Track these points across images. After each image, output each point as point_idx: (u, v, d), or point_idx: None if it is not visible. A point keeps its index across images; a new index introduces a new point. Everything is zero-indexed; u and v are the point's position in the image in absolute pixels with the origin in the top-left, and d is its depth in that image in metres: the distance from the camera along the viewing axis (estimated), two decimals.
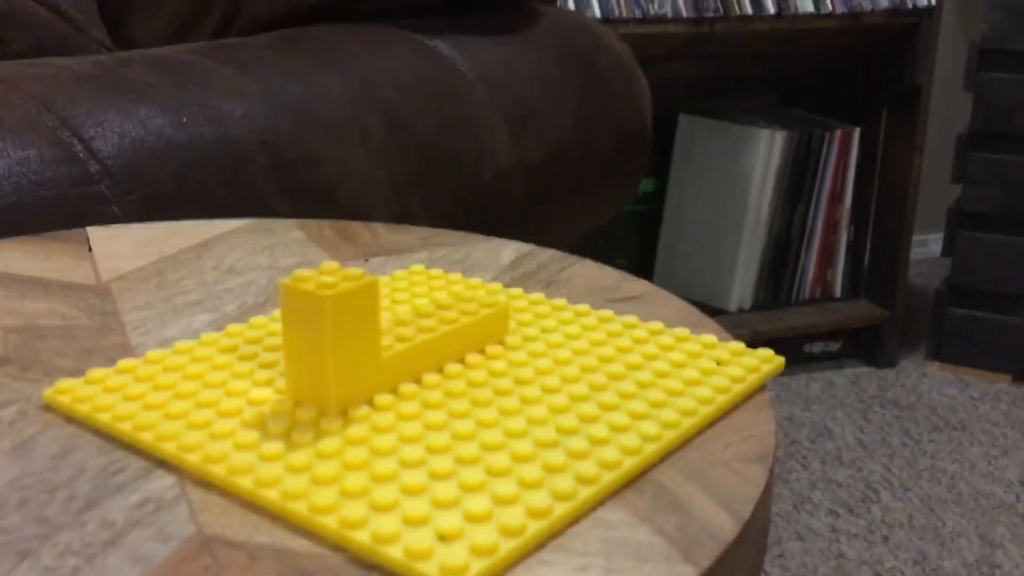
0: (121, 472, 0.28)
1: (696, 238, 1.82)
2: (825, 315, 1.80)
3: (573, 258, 0.47)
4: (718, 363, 0.34)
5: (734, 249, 1.78)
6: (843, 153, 1.78)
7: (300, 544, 0.25)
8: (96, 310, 0.41)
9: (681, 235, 1.84)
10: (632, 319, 0.38)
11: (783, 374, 1.77)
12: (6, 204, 0.54)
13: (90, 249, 0.48)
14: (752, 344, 1.79)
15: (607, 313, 0.39)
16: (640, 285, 0.44)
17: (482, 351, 0.35)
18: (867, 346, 1.82)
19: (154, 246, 0.49)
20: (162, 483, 0.27)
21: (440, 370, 0.33)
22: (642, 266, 1.87)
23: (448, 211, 0.80)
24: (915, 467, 1.47)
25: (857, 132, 1.78)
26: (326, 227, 0.52)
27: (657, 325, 0.38)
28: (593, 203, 1.02)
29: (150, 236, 0.50)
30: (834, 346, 1.84)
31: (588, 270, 0.46)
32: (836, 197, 1.81)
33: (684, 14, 1.52)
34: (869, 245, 1.84)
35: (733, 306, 1.79)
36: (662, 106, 1.80)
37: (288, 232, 0.52)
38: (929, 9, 1.64)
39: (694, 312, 0.41)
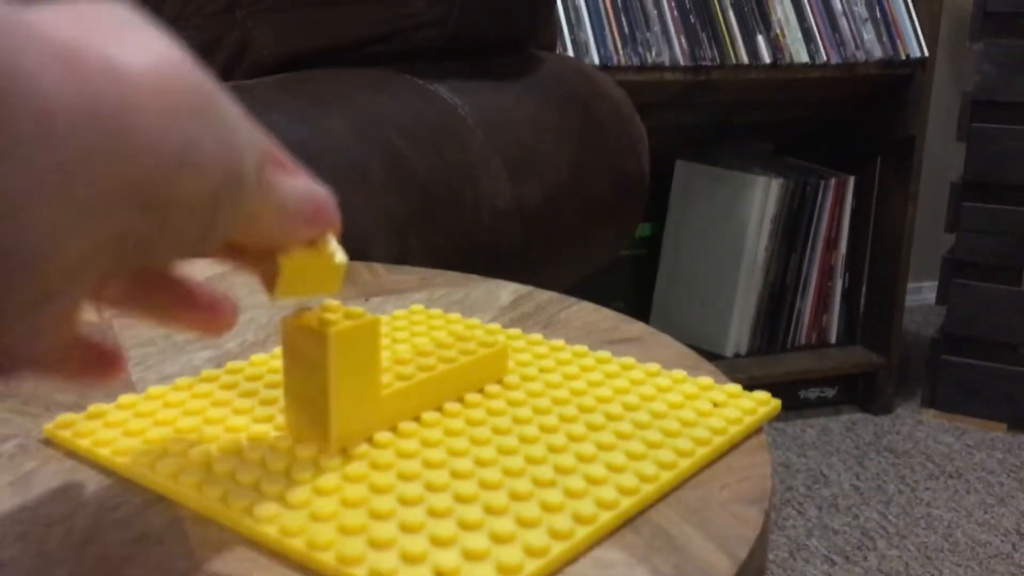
0: (120, 507, 0.28)
1: (692, 283, 1.82)
2: (820, 361, 1.80)
3: (571, 300, 0.48)
4: (715, 405, 0.35)
5: (730, 294, 1.78)
6: (838, 201, 1.80)
7: None
8: None
9: (677, 280, 1.85)
10: (629, 360, 0.39)
11: (778, 420, 1.77)
12: None
13: None
14: (748, 389, 1.79)
15: (604, 354, 0.39)
16: (638, 327, 0.44)
17: (481, 390, 0.35)
18: (863, 392, 1.82)
19: None
20: (161, 518, 0.27)
21: (439, 408, 0.33)
22: (638, 310, 1.88)
23: (446, 252, 0.81)
24: (911, 515, 1.47)
25: (852, 181, 1.79)
26: None
27: (654, 367, 0.38)
28: (590, 247, 1.03)
29: None
30: (829, 392, 1.84)
31: (586, 312, 0.46)
32: (831, 244, 1.82)
33: (681, 62, 1.55)
34: (864, 292, 1.85)
35: (729, 351, 1.79)
36: (659, 152, 1.82)
37: None
38: (922, 60, 1.67)
39: (691, 355, 0.41)
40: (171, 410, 0.33)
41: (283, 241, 0.27)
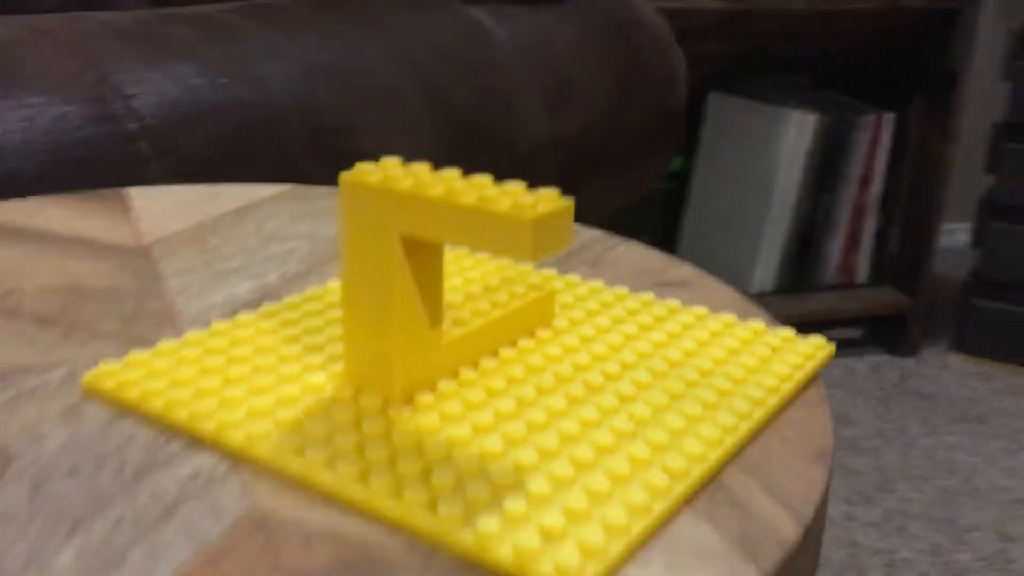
0: (172, 441, 0.28)
1: (722, 218, 1.80)
2: (848, 301, 1.78)
3: (617, 239, 0.47)
4: (773, 350, 0.34)
5: (759, 231, 1.76)
6: (875, 138, 1.76)
7: (356, 526, 0.24)
8: (138, 272, 0.40)
9: (707, 215, 1.82)
10: (675, 303, 0.37)
11: None
12: (44, 160, 0.54)
13: (129, 210, 0.48)
14: None
15: (648, 296, 0.38)
16: (686, 270, 0.43)
17: (532, 335, 0.34)
18: (890, 334, 1.81)
19: (193, 209, 0.48)
20: (212, 456, 0.27)
21: (495, 355, 0.32)
22: (666, 244, 1.86)
23: None
24: (933, 459, 1.47)
25: (890, 117, 1.75)
26: None
27: (702, 310, 0.37)
28: (625, 180, 1.01)
29: (189, 199, 0.50)
30: (856, 333, 1.83)
31: (633, 251, 0.45)
32: (865, 182, 1.79)
33: None
34: (897, 232, 1.82)
35: (755, 288, 1.78)
36: (693, 83, 1.78)
37: (327, 200, 0.51)
38: None
39: (740, 299, 0.40)
40: (216, 357, 0.32)
41: None
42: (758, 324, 0.36)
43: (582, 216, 0.97)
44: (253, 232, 0.46)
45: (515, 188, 0.27)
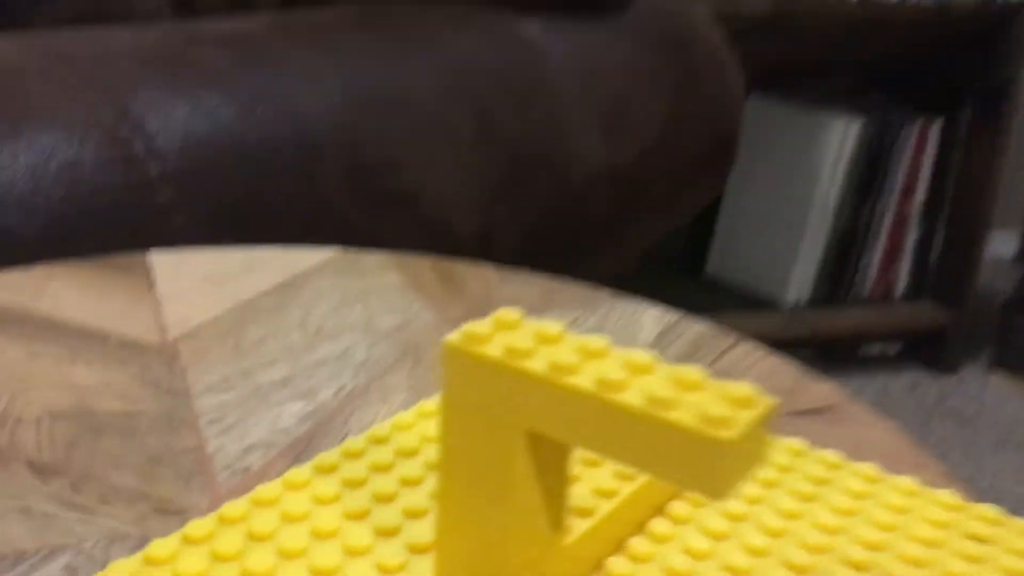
0: None
1: (756, 224, 1.73)
2: (885, 315, 1.71)
3: (731, 337, 0.39)
4: (982, 541, 0.27)
5: (796, 239, 1.69)
6: (920, 145, 1.68)
7: None
8: (163, 387, 0.33)
9: (741, 220, 1.75)
10: (835, 457, 0.30)
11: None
12: (55, 215, 0.47)
13: (152, 286, 0.41)
14: (808, 341, 1.71)
15: (798, 444, 0.31)
16: (825, 391, 0.36)
17: (662, 511, 0.27)
18: (928, 350, 1.74)
19: (228, 286, 0.41)
20: None
21: (622, 549, 0.25)
22: (698, 249, 1.79)
23: (533, 222, 0.72)
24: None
25: (938, 125, 1.67)
26: (427, 269, 0.44)
27: (871, 469, 0.30)
28: (677, 206, 0.94)
29: (222, 270, 0.43)
30: (892, 349, 1.76)
31: (755, 360, 0.38)
32: (908, 192, 1.71)
33: None
34: (939, 243, 1.74)
35: (789, 299, 1.71)
36: None
37: (382, 274, 0.44)
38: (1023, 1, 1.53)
39: (899, 436, 0.33)
40: (262, 545, 0.25)
41: None
42: (945, 495, 0.29)
43: (628, 247, 0.90)
44: (297, 324, 0.39)
45: (691, 376, 0.19)
